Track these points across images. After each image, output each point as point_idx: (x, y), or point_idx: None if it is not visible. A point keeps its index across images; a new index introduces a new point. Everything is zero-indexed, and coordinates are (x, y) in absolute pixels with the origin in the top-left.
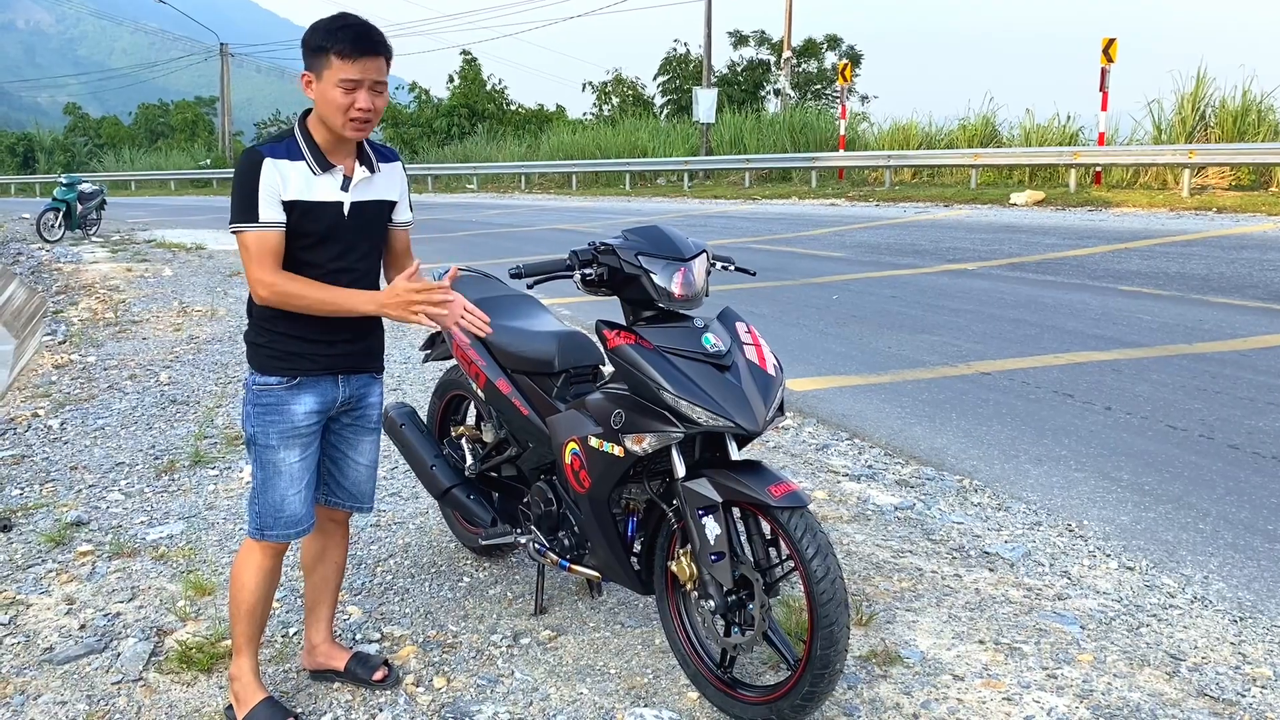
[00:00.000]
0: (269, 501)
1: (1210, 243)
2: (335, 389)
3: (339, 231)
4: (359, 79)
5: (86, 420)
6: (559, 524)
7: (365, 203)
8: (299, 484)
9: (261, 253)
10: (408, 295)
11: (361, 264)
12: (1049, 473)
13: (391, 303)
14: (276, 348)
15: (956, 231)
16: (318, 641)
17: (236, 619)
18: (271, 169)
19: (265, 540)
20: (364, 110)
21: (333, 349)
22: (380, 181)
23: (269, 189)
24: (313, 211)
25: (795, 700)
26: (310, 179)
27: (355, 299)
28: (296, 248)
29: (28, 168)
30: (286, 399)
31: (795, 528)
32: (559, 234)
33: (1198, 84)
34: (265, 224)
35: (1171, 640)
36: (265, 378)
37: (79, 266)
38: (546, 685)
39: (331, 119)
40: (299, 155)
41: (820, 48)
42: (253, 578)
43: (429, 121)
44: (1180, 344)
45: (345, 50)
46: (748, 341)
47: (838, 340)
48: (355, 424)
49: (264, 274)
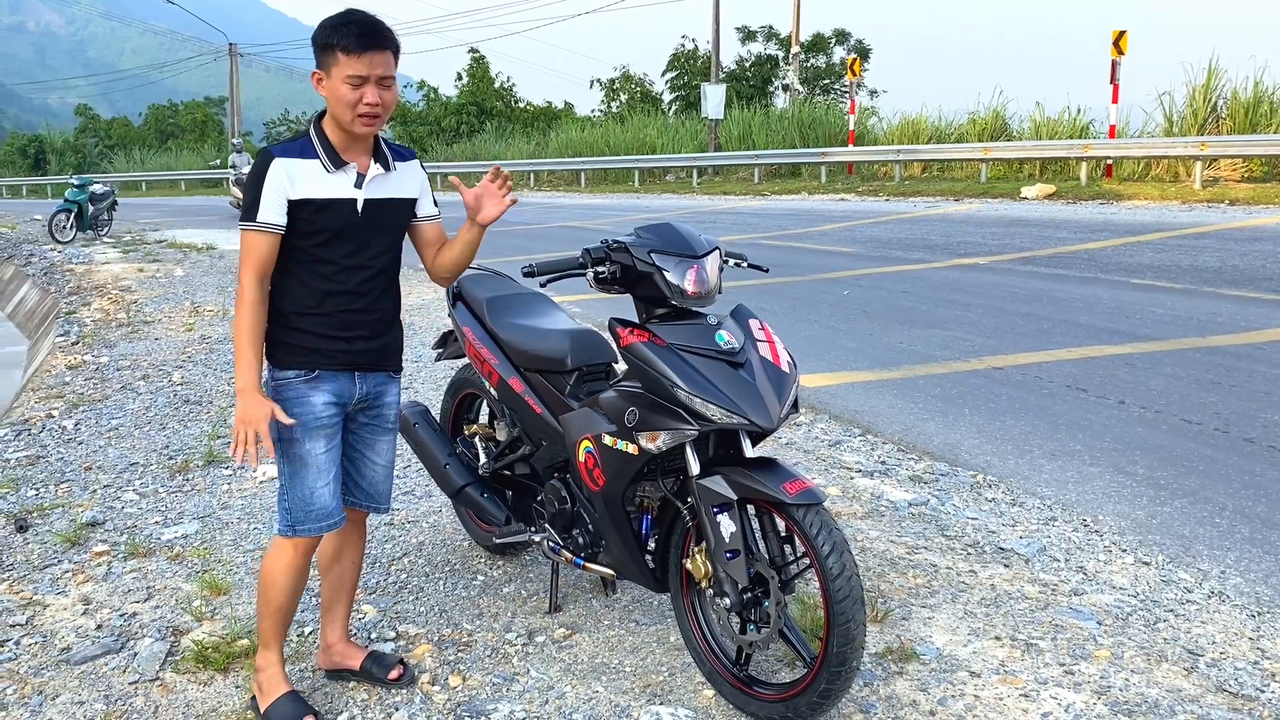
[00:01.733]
0: (298, 495)
1: (1223, 235)
2: (353, 385)
3: (352, 229)
4: (365, 74)
5: (100, 420)
6: (573, 522)
7: (380, 200)
8: (327, 475)
9: (249, 253)
10: (255, 415)
11: (376, 261)
12: (1063, 468)
13: (243, 404)
14: (295, 343)
15: (967, 226)
16: (333, 641)
17: (265, 614)
18: (279, 169)
19: (298, 536)
20: (372, 105)
21: (351, 345)
22: (396, 180)
23: (274, 190)
24: (326, 208)
25: (812, 698)
26: (323, 176)
27: (240, 368)
28: (310, 244)
29: (39, 169)
30: (306, 391)
31: (810, 525)
32: (569, 231)
33: (1209, 76)
34: (261, 225)
35: (1189, 635)
36: (283, 372)
37: (91, 267)
38: (562, 683)
39: (341, 115)
40: (312, 154)
41: (829, 42)
42: (283, 575)
43: (438, 120)
44: (1194, 337)
45: (351, 45)
46: (761, 338)
47: (849, 336)
48: (373, 423)
49: (246, 277)
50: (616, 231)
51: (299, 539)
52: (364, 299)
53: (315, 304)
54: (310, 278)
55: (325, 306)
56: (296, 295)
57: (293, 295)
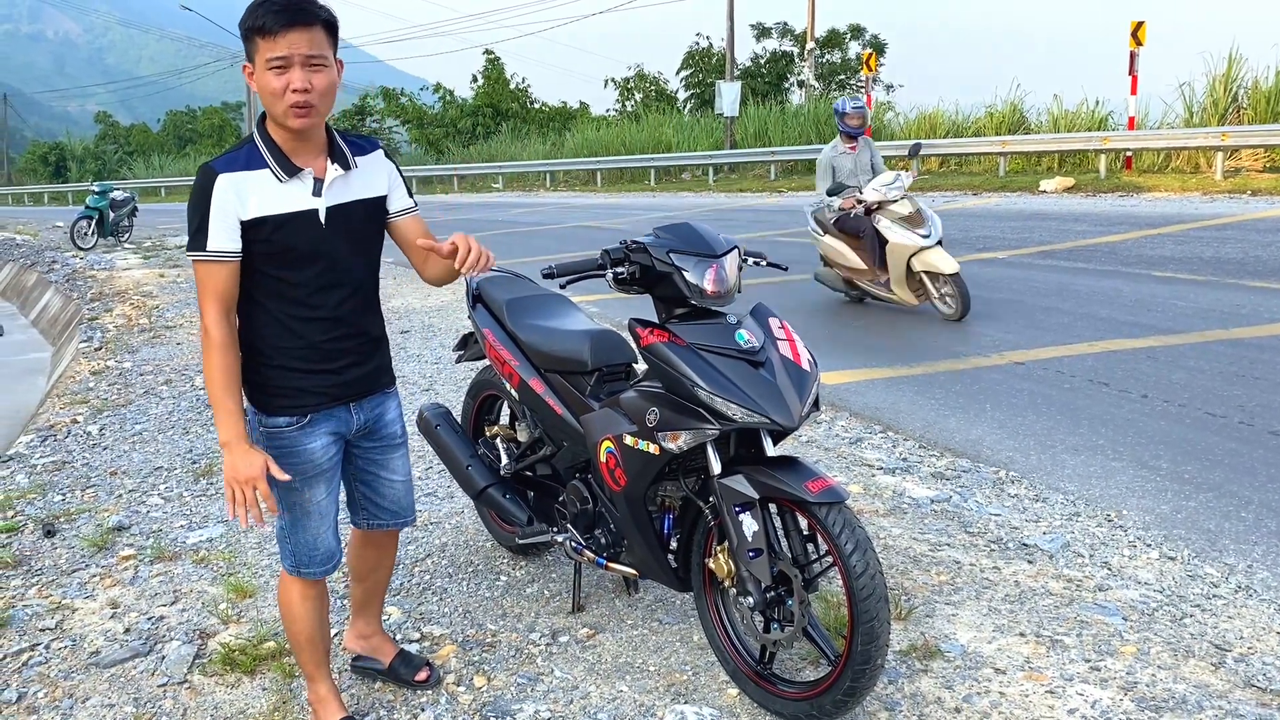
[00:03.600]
0: (303, 542)
1: (1245, 226)
2: (350, 417)
3: (321, 244)
4: (287, 54)
5: (124, 425)
6: (595, 522)
7: (345, 205)
8: (329, 519)
9: (205, 287)
10: (248, 473)
11: (352, 277)
12: (1086, 462)
13: (232, 460)
14: (279, 384)
15: (986, 220)
16: (368, 632)
17: (299, 649)
18: (226, 187)
19: (303, 578)
20: (300, 91)
21: (341, 376)
22: (358, 179)
23: (222, 212)
24: (287, 225)
25: (837, 696)
26: (277, 188)
27: (221, 419)
28: (274, 267)
29: (60, 176)
30: (300, 440)
31: (834, 523)
32: (587, 231)
33: (1229, 65)
34: (213, 254)
35: (1216, 630)
36: (273, 419)
37: (112, 273)
38: (586, 683)
39: (273, 108)
40: (260, 163)
41: (844, 38)
42: (300, 606)
43: (454, 122)
44: (1217, 330)
45: (268, 25)
46: (781, 337)
47: (868, 332)
48: (380, 445)
49: (208, 314)
50: (633, 231)
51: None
52: (344, 323)
53: (291, 336)
54: (280, 306)
55: (303, 337)
56: (268, 328)
57: (264, 328)
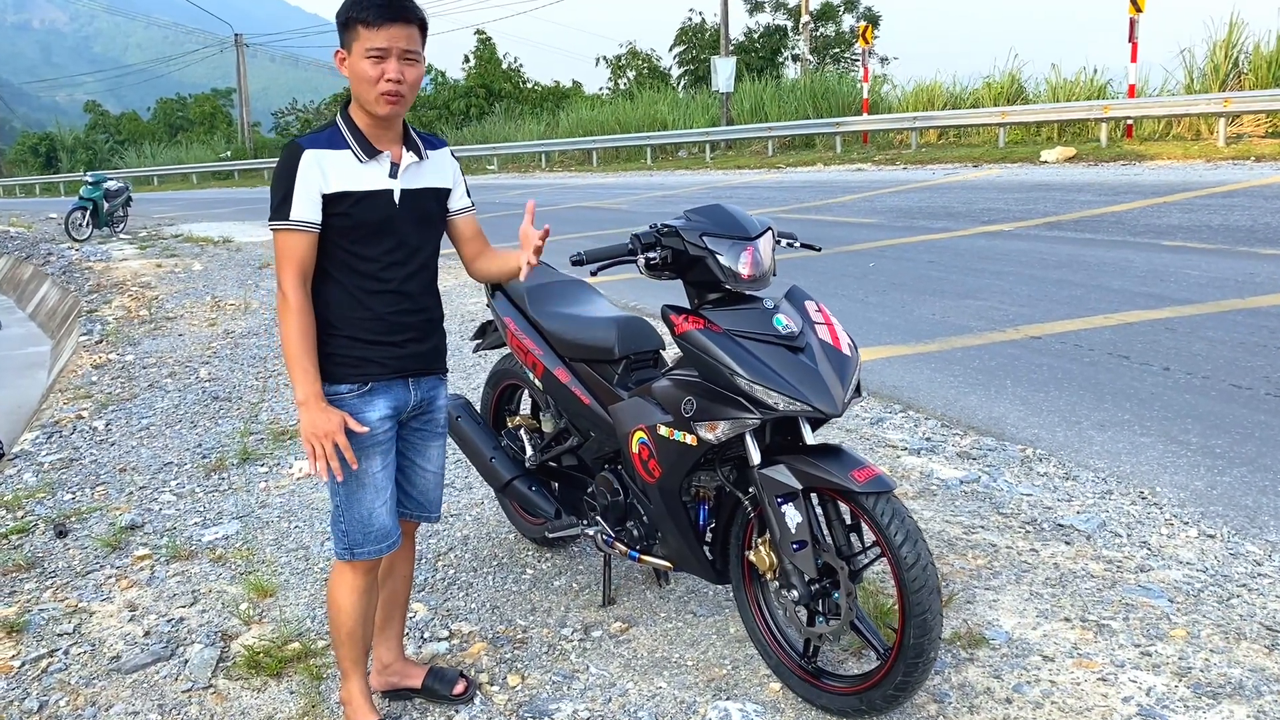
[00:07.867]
0: (356, 517)
1: (1252, 193)
2: (407, 392)
3: (393, 222)
4: (386, 46)
5: (131, 420)
6: (627, 514)
7: (416, 190)
8: (384, 494)
9: (287, 255)
10: (326, 427)
11: (419, 256)
12: (1114, 438)
13: (310, 417)
14: (342, 353)
15: (989, 192)
16: (389, 660)
17: (339, 643)
18: (311, 162)
19: (356, 559)
20: (394, 81)
21: (402, 350)
22: (430, 168)
23: (307, 184)
24: (364, 201)
25: (888, 690)
26: (357, 167)
27: (297, 379)
28: (348, 241)
29: (50, 167)
30: (360, 406)
31: (882, 514)
32: (586, 212)
33: (1230, 30)
34: (296, 223)
35: (1265, 611)
36: (335, 386)
37: (109, 264)
38: (623, 680)
39: (363, 94)
40: (343, 144)
41: (838, 10)
42: (348, 598)
43: (446, 103)
44: (1233, 299)
45: (371, 18)
46: (819, 321)
47: (880, 309)
48: (424, 429)
49: (286, 281)
50: (632, 210)
51: (359, 562)
52: (410, 298)
53: (359, 307)
54: (351, 279)
55: (370, 309)
56: (337, 300)
57: (333, 300)
